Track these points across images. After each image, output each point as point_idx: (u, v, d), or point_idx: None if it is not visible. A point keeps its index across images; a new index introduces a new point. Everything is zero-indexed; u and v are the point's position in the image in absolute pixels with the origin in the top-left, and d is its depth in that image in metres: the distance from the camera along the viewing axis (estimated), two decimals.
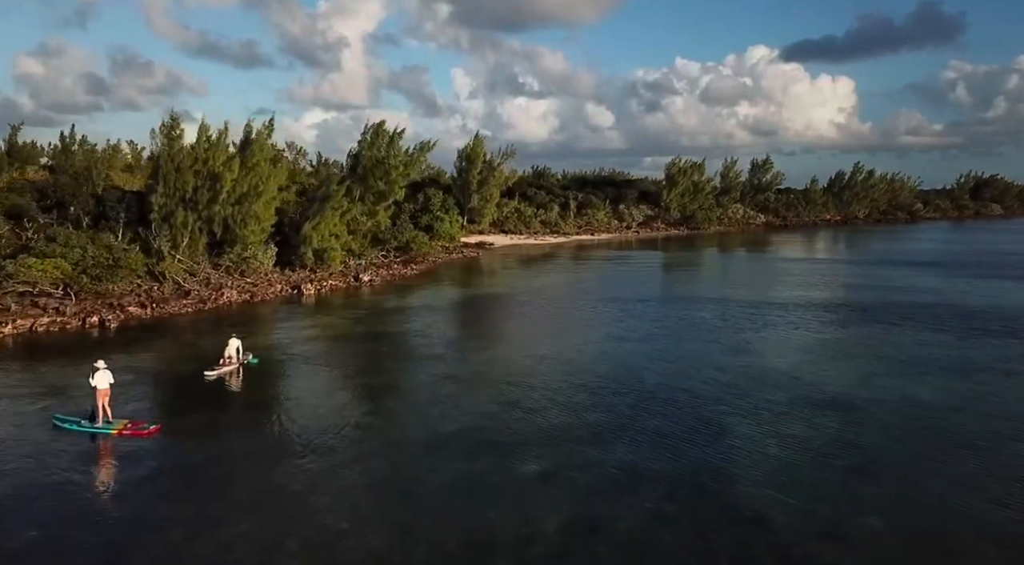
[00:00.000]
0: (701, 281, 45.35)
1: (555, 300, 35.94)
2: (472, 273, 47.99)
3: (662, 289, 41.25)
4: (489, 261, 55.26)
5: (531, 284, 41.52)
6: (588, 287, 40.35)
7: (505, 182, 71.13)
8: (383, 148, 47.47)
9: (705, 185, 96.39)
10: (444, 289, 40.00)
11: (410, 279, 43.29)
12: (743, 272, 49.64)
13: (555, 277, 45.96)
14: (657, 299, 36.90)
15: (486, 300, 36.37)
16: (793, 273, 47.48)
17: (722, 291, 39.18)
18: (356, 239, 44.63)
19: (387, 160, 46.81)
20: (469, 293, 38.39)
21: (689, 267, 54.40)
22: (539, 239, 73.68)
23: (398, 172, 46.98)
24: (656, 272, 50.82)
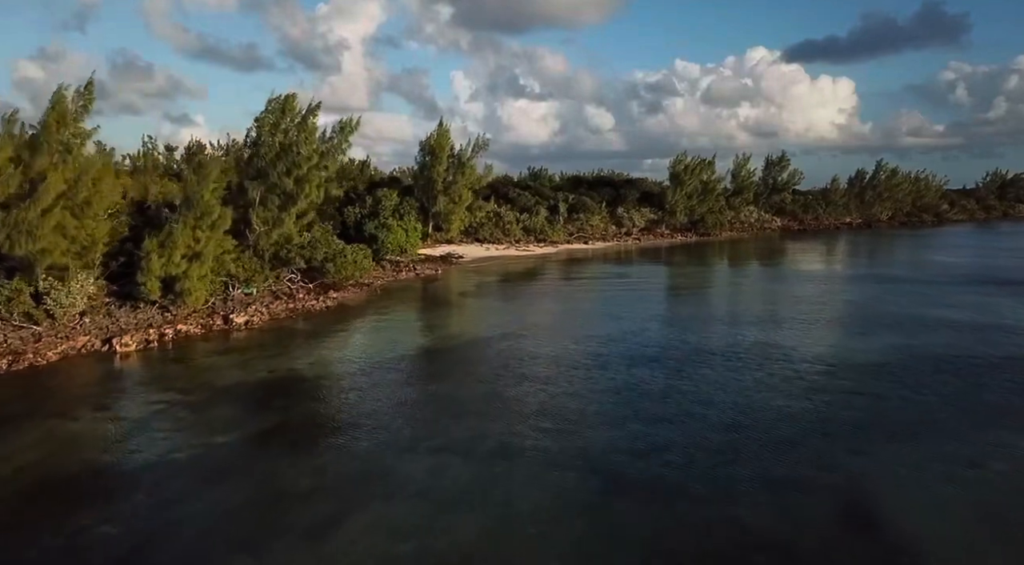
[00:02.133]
0: (744, 320, 31.26)
1: (539, 363, 21.62)
2: (418, 304, 33.90)
3: (682, 332, 27.14)
4: (450, 282, 41.13)
5: (497, 325, 27.40)
6: (585, 332, 26.13)
7: (477, 181, 56.86)
8: (292, 131, 33.38)
9: (715, 185, 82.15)
10: (355, 338, 25.79)
11: (317, 317, 29.14)
12: (788, 301, 35.49)
13: (535, 309, 31.85)
14: (684, 354, 22.70)
15: (416, 366, 21.98)
16: (857, 303, 33.45)
17: (782, 340, 25.05)
18: (244, 260, 30.52)
19: (295, 147, 32.71)
20: (393, 347, 23.76)
21: (711, 291, 40.23)
22: (521, 249, 59.57)
23: (311, 164, 32.90)
24: (667, 300, 36.64)
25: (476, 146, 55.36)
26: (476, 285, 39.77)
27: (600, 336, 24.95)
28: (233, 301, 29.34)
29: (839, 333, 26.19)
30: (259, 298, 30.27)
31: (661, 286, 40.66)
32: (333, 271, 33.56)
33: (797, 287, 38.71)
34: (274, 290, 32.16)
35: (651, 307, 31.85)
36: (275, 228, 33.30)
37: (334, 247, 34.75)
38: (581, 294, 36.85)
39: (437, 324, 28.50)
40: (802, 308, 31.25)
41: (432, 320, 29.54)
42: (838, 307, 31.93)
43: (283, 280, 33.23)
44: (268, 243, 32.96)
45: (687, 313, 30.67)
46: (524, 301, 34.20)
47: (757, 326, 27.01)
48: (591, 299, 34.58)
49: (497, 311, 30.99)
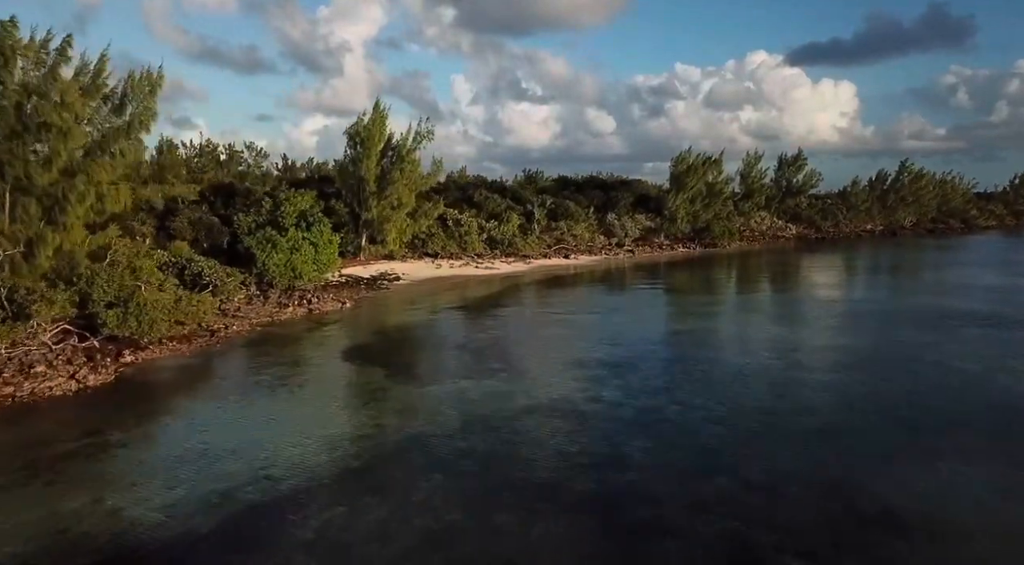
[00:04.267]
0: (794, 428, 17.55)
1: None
2: (224, 382, 20.13)
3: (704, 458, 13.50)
4: (347, 325, 27.43)
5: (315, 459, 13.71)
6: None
7: (422, 181, 43.08)
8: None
9: (723, 187, 68.34)
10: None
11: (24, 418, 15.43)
12: (845, 362, 21.77)
13: (466, 395, 18.22)
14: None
15: None
16: (928, 364, 19.69)
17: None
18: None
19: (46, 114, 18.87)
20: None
21: (730, 345, 26.43)
22: (483, 267, 45.78)
23: (73, 145, 19.13)
24: (670, 373, 22.81)
25: (418, 135, 41.55)
26: (375, 333, 26.10)
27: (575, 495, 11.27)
28: None
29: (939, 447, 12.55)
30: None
31: (659, 338, 26.84)
32: (114, 324, 19.70)
33: (853, 335, 25.00)
34: (7, 354, 18.39)
35: (647, 400, 18.10)
36: (39, 248, 19.59)
37: (129, 284, 20.84)
38: (533, 355, 23.06)
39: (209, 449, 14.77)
40: (862, 378, 17.57)
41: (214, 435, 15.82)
42: (907, 379, 18.26)
43: (41, 335, 19.43)
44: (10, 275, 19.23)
45: (704, 413, 16.96)
46: (422, 374, 20.47)
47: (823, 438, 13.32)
48: (548, 375, 20.77)
49: (345, 411, 17.24)
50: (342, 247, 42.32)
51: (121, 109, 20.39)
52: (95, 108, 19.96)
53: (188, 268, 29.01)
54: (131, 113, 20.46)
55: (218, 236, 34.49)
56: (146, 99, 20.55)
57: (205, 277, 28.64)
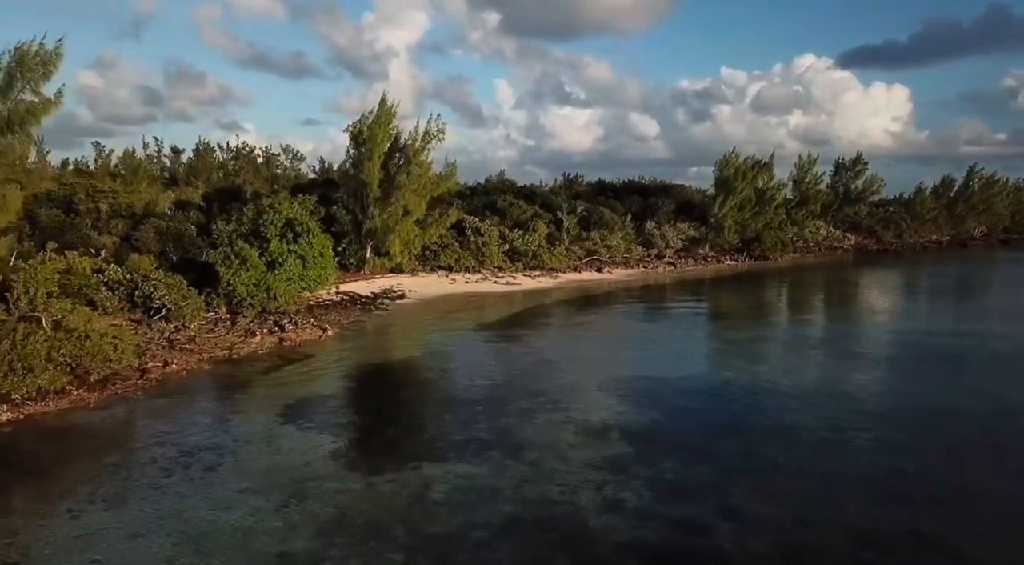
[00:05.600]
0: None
1: None
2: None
3: None
4: (320, 361, 22.28)
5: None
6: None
7: (433, 185, 37.72)
8: None
9: (775, 193, 61.48)
10: None
11: None
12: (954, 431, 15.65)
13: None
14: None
15: None
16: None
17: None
18: None
19: None
20: None
21: (797, 390, 20.32)
22: (502, 281, 40.21)
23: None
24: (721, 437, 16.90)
25: (428, 134, 36.18)
26: (348, 376, 20.74)
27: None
28: None
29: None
30: None
31: (704, 389, 20.94)
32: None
33: (957, 391, 18.74)
34: None
35: (681, 510, 12.34)
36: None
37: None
38: (540, 419, 17.33)
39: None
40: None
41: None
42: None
43: None
44: None
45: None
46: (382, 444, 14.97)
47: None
48: (555, 456, 15.11)
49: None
50: (344, 259, 37.32)
51: (5, 92, 15.32)
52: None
53: (139, 288, 24.19)
54: (14, 100, 15.34)
55: (190, 248, 29.62)
56: (36, 83, 15.43)
57: (156, 299, 23.76)
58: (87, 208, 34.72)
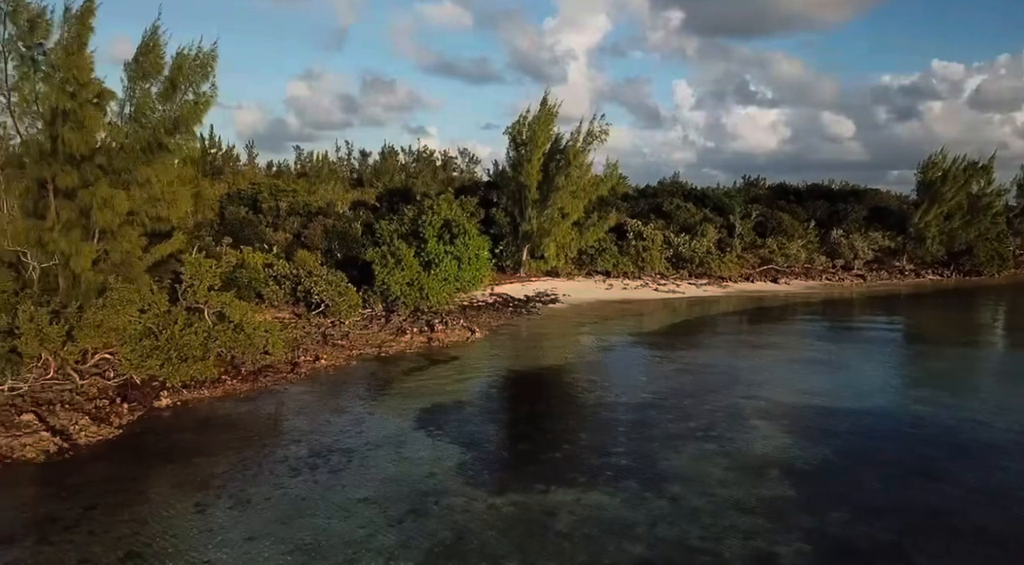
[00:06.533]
0: None
1: None
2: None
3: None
4: (450, 381, 21.97)
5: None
6: None
7: (593, 187, 36.53)
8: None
9: (994, 200, 53.54)
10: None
11: None
12: None
13: None
14: None
15: None
16: None
17: None
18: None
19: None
20: None
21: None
22: (663, 288, 38.16)
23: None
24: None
25: (590, 135, 35.09)
26: (490, 383, 20.16)
27: None
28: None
29: None
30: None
31: (897, 414, 18.03)
32: (129, 365, 15.61)
33: None
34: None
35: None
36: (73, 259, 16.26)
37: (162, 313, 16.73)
38: (696, 459, 15.62)
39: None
40: None
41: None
42: None
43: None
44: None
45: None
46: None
47: None
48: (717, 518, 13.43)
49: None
50: (501, 261, 37.34)
51: (170, 95, 16.38)
52: (138, 92, 16.14)
53: (302, 283, 25.36)
54: (182, 100, 16.35)
55: (353, 246, 30.82)
56: (198, 83, 16.35)
57: (315, 295, 24.76)
58: (268, 206, 37.46)
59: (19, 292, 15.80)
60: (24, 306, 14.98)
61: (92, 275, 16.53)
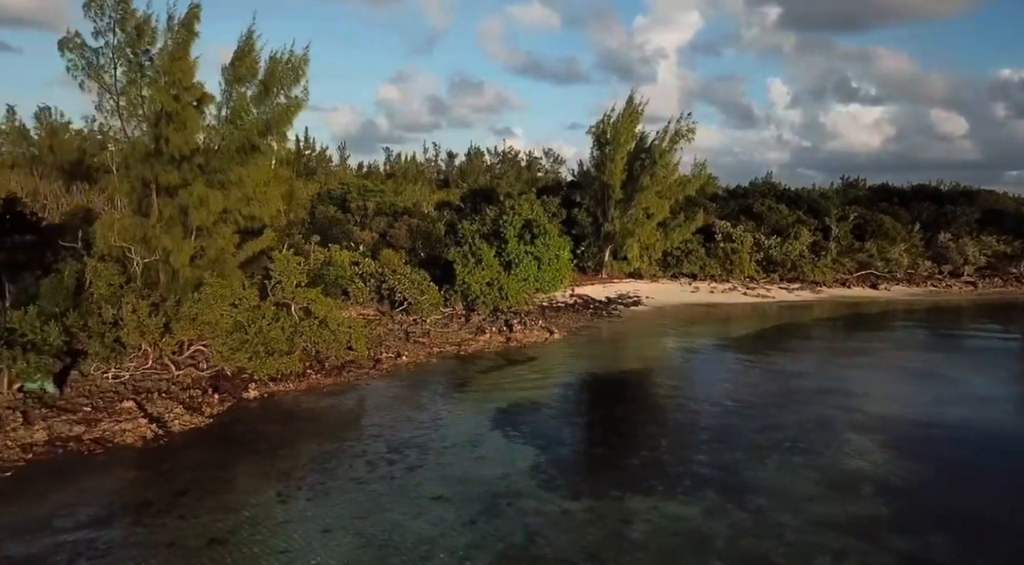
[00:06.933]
0: None
1: None
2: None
3: None
4: (527, 381, 21.87)
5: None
6: None
7: (679, 187, 35.70)
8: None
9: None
10: None
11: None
12: None
13: None
14: None
15: None
16: None
17: None
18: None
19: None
20: None
21: None
22: (752, 293, 36.88)
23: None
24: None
25: (677, 134, 34.30)
26: (566, 384, 19.96)
27: None
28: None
29: None
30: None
31: (1008, 431, 16.75)
32: (220, 358, 16.32)
33: None
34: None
35: None
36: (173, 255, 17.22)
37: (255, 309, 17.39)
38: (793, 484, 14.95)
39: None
40: None
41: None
42: None
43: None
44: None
45: None
46: None
47: None
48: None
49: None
50: (583, 262, 37.05)
51: (263, 98, 17.05)
52: (234, 95, 16.90)
53: (386, 281, 25.93)
54: (274, 103, 17.00)
55: (436, 245, 31.28)
56: (289, 87, 16.96)
57: (399, 293, 25.26)
58: (357, 206, 38.56)
59: (124, 286, 16.82)
60: (128, 299, 15.95)
61: (189, 271, 17.39)
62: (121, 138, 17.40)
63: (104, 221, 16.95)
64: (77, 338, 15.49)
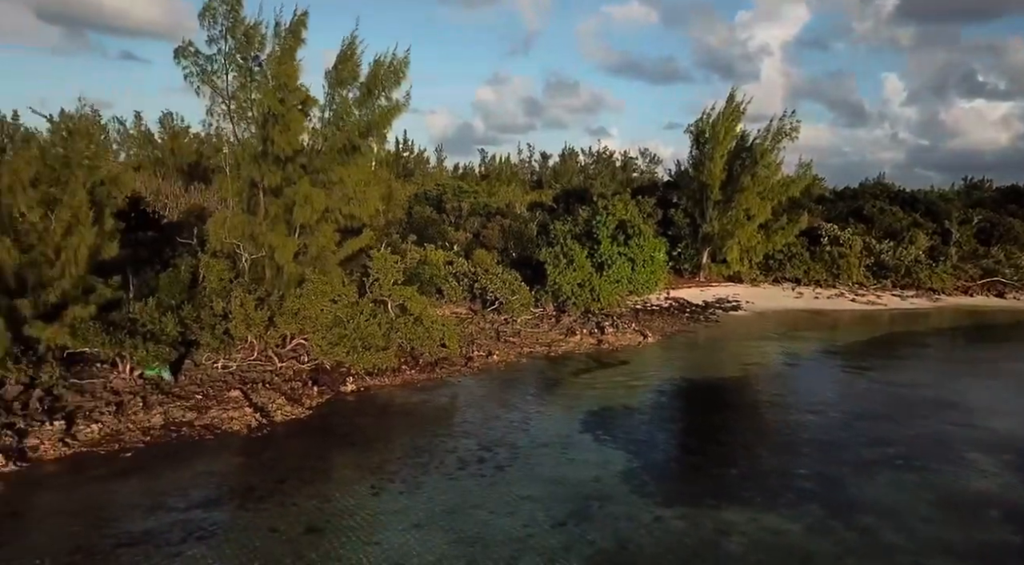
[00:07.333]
0: None
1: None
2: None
3: None
4: (620, 386, 21.45)
5: None
6: None
7: (782, 188, 34.30)
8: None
9: None
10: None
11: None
12: None
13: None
14: None
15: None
16: None
17: None
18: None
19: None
20: None
21: None
22: (864, 299, 34.97)
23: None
24: None
25: (780, 133, 32.99)
26: (666, 392, 19.49)
27: None
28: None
29: None
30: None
31: None
32: (320, 351, 16.92)
33: None
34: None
35: None
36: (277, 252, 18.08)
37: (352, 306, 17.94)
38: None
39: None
40: None
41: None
42: None
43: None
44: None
45: None
46: None
47: None
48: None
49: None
50: (679, 264, 36.29)
51: (365, 100, 17.60)
52: (336, 98, 17.54)
53: (478, 281, 26.25)
54: (376, 105, 17.52)
55: (528, 246, 31.39)
56: (390, 89, 17.44)
57: (490, 293, 25.52)
58: (452, 206, 39.25)
59: (233, 280, 17.77)
60: (236, 293, 16.84)
61: (293, 267, 18.17)
62: (232, 140, 18.40)
63: (216, 219, 17.98)
64: (190, 329, 16.48)
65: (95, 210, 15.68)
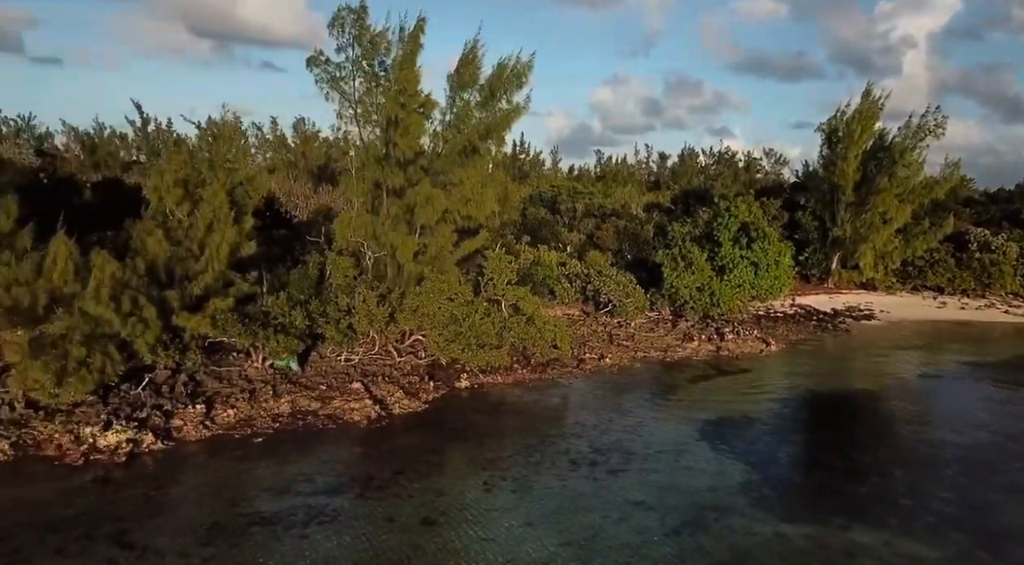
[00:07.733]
0: None
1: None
2: None
3: None
4: (744, 398, 20.57)
5: None
6: None
7: (926, 190, 31.84)
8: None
9: None
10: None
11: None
12: None
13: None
14: None
15: None
16: None
17: None
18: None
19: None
20: None
21: None
22: (1020, 311, 31.87)
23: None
24: None
25: (921, 130, 30.64)
26: (789, 395, 18.62)
27: None
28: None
29: None
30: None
31: None
32: (436, 349, 17.38)
33: None
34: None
35: None
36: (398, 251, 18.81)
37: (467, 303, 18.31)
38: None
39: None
40: None
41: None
42: None
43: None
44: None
45: None
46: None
47: None
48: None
49: None
50: (806, 269, 34.56)
51: (487, 103, 17.94)
52: (457, 102, 17.99)
53: (592, 282, 26.12)
54: (496, 108, 17.82)
55: (644, 247, 30.89)
56: (512, 92, 17.70)
57: (603, 295, 25.32)
58: (566, 207, 39.26)
59: (357, 278, 18.60)
60: (360, 290, 17.62)
61: (413, 265, 18.78)
62: (358, 143, 19.26)
63: (342, 219, 18.89)
64: (317, 323, 17.39)
65: (235, 209, 16.87)
